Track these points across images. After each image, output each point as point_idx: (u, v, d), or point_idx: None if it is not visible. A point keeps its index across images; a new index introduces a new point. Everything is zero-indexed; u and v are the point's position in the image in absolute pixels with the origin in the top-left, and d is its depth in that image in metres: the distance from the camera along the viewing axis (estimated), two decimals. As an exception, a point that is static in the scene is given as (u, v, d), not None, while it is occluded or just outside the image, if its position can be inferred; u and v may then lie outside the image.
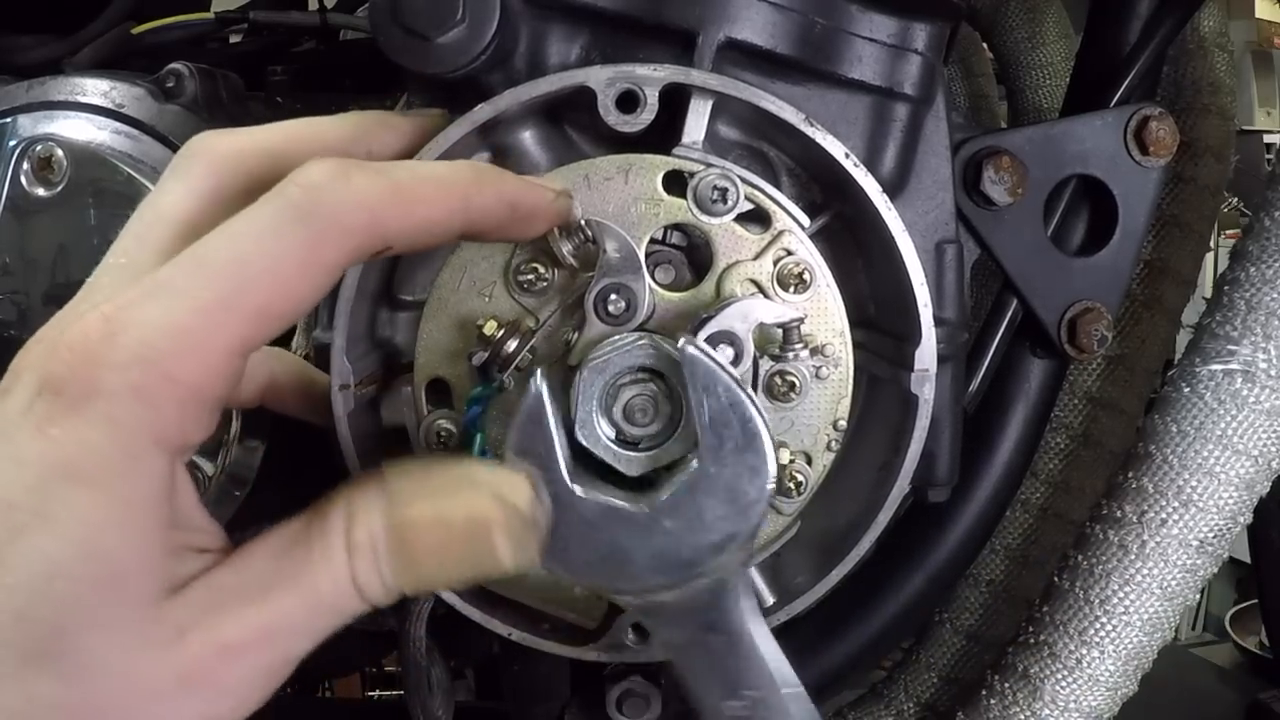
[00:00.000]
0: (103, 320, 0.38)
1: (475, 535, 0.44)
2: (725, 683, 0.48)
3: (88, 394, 0.37)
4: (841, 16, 0.56)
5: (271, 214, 0.40)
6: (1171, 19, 0.71)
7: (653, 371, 0.48)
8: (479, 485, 0.45)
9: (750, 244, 0.53)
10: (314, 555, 0.42)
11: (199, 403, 0.39)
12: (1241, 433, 0.63)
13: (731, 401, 0.46)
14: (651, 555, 0.46)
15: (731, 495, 0.46)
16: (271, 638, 0.41)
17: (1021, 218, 0.66)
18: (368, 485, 0.44)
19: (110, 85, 0.75)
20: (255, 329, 0.40)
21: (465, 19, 0.51)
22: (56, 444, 0.37)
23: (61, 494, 0.37)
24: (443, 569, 0.44)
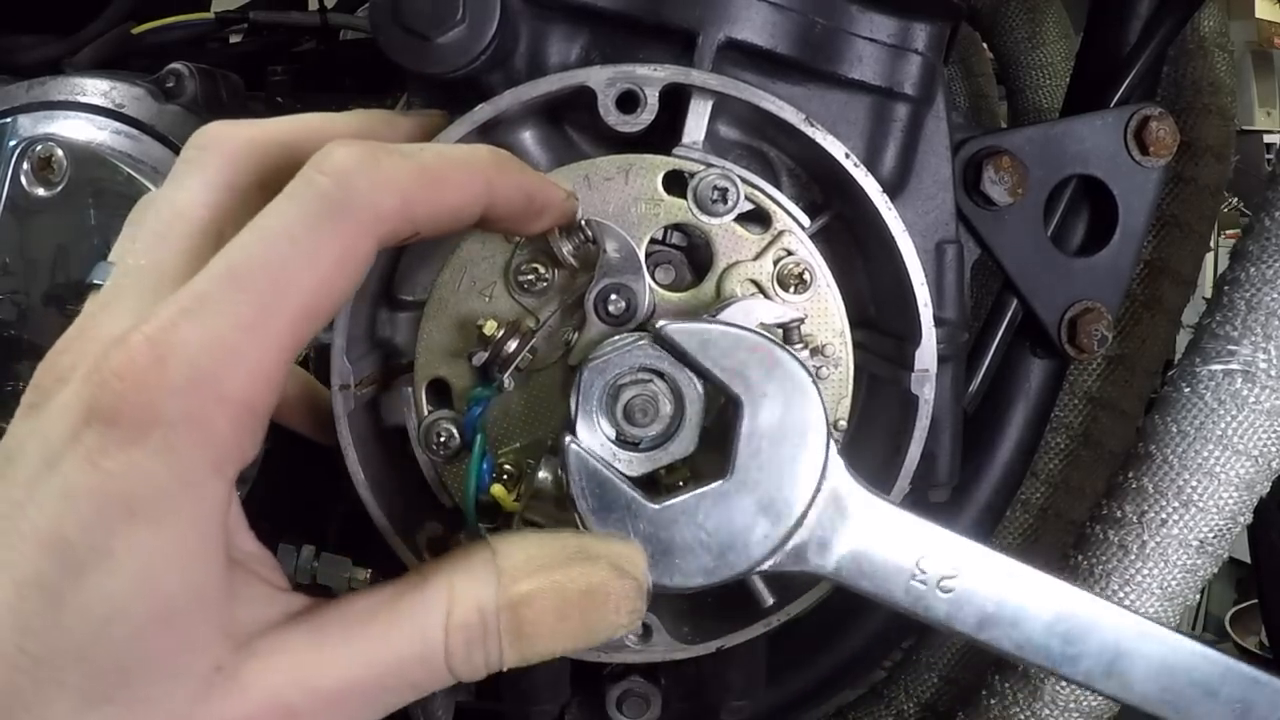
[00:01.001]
0: (149, 344, 0.36)
1: (594, 608, 0.43)
2: (902, 568, 0.48)
3: (145, 423, 0.35)
4: (842, 16, 0.56)
5: (302, 207, 0.39)
6: (1171, 19, 0.71)
7: (653, 371, 0.48)
8: (596, 558, 0.44)
9: (750, 244, 0.53)
10: (402, 630, 0.40)
11: (253, 418, 0.38)
12: (1241, 433, 0.63)
13: (732, 340, 0.46)
14: (759, 508, 0.46)
15: (786, 414, 0.46)
16: (338, 706, 0.39)
17: (1022, 218, 0.66)
18: (473, 561, 0.43)
19: (110, 85, 0.76)
20: (299, 332, 0.38)
21: (465, 19, 0.51)
22: (113, 477, 0.35)
23: (121, 531, 0.35)
24: (554, 641, 0.43)
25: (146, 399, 0.36)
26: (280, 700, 0.38)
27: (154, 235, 0.43)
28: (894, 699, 0.85)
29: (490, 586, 0.42)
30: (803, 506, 0.47)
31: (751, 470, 0.46)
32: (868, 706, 0.85)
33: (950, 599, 0.48)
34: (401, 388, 0.55)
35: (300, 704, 0.39)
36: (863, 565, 0.48)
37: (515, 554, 0.43)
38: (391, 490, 0.54)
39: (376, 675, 0.40)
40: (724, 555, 0.46)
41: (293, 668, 0.39)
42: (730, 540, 0.46)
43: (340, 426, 0.52)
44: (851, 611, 0.74)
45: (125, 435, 0.35)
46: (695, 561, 0.46)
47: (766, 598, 0.57)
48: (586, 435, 0.48)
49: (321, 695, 0.39)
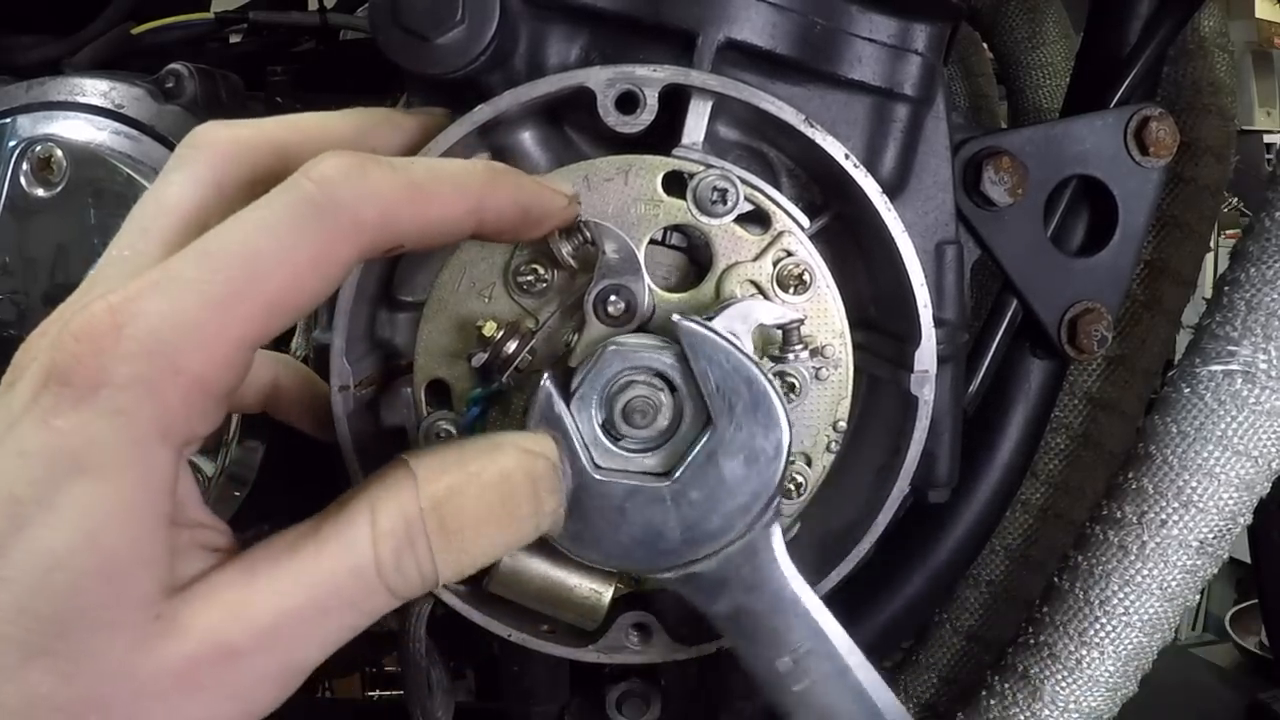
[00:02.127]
0: (110, 311, 0.37)
1: (512, 493, 0.43)
2: (774, 642, 0.49)
3: (94, 385, 0.36)
4: (841, 17, 0.56)
5: (285, 206, 0.39)
6: (1171, 19, 0.71)
7: (653, 373, 0.48)
8: (503, 445, 0.44)
9: (750, 245, 0.53)
10: (327, 549, 0.41)
11: (205, 395, 0.38)
12: (1241, 433, 0.63)
13: (734, 365, 0.46)
14: (682, 528, 0.47)
15: (750, 455, 0.47)
16: (275, 639, 0.39)
17: (1021, 218, 0.66)
18: (389, 474, 0.43)
19: (110, 85, 0.76)
20: (264, 323, 0.39)
21: (465, 20, 0.51)
22: (62, 435, 0.36)
23: (65, 486, 0.36)
24: (482, 536, 0.43)
25: (99, 361, 0.36)
26: (219, 639, 0.39)
27: (138, 228, 0.44)
28: (894, 699, 0.85)
29: (410, 491, 0.42)
30: (719, 545, 0.48)
31: (691, 488, 0.47)
32: (867, 707, 0.85)
33: (799, 692, 0.49)
34: (401, 388, 0.55)
35: (240, 640, 0.39)
36: (745, 625, 0.49)
37: (428, 458, 0.43)
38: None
39: (311, 598, 0.40)
40: (630, 550, 0.47)
41: (228, 606, 0.39)
42: (642, 539, 0.47)
43: (340, 427, 0.52)
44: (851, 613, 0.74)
45: (76, 395, 0.36)
46: (604, 540, 0.47)
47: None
48: (579, 412, 0.48)
49: (259, 627, 0.39)
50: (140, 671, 0.38)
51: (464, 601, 0.54)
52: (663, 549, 0.47)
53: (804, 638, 0.49)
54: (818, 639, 0.49)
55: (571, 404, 0.48)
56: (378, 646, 1.01)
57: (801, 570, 0.57)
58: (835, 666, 0.49)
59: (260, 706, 0.40)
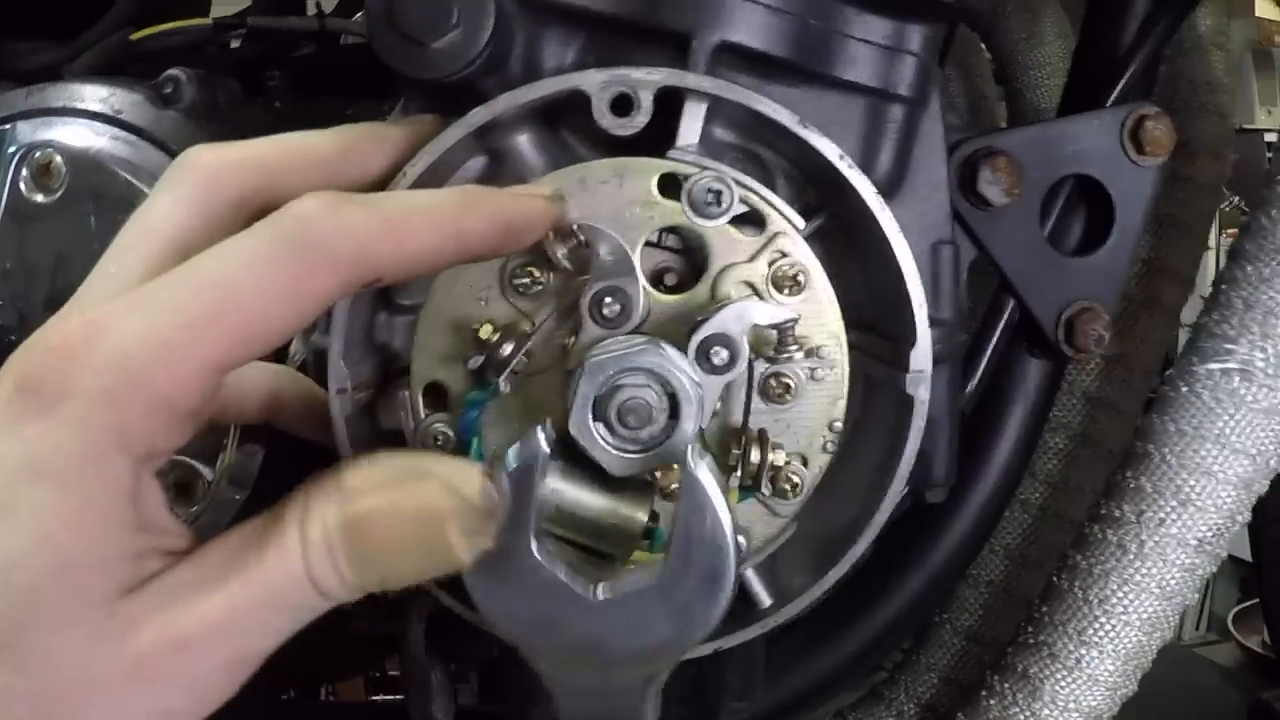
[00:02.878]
0: (84, 325, 0.39)
1: (428, 527, 0.43)
2: None
3: (60, 394, 0.38)
4: (836, 18, 0.56)
5: (262, 240, 0.41)
6: (1168, 18, 0.71)
7: (649, 374, 0.48)
8: (429, 476, 0.44)
9: (745, 246, 0.53)
10: (268, 551, 0.42)
11: (169, 413, 0.40)
12: (1239, 432, 0.63)
13: (715, 533, 0.45)
14: (585, 637, 0.46)
15: (681, 614, 0.46)
16: (224, 632, 0.41)
17: (1018, 218, 0.66)
18: (325, 481, 0.44)
19: (109, 91, 0.76)
20: (233, 349, 0.41)
21: (460, 24, 0.51)
22: (26, 442, 0.38)
23: (25, 490, 0.38)
24: (398, 563, 0.43)
25: (67, 372, 0.38)
26: (170, 632, 0.40)
27: (124, 247, 0.45)
28: (894, 699, 0.85)
29: (334, 505, 0.43)
30: (607, 669, 0.47)
31: (611, 612, 0.46)
32: (867, 707, 0.85)
33: None
34: (399, 391, 0.55)
35: (192, 633, 0.40)
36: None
37: (360, 473, 0.44)
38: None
39: (257, 597, 0.41)
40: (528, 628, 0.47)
41: (179, 601, 0.41)
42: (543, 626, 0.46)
43: (338, 430, 0.53)
44: (850, 613, 0.74)
45: (43, 404, 0.38)
46: (513, 609, 0.46)
47: (764, 599, 0.57)
48: (580, 431, 0.48)
49: (210, 621, 0.40)
50: (95, 665, 0.39)
51: (465, 604, 0.55)
52: (555, 643, 0.47)
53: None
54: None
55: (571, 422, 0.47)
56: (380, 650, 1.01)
57: (798, 571, 0.57)
58: None
59: (211, 695, 0.41)
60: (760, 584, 0.57)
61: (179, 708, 0.41)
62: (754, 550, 0.56)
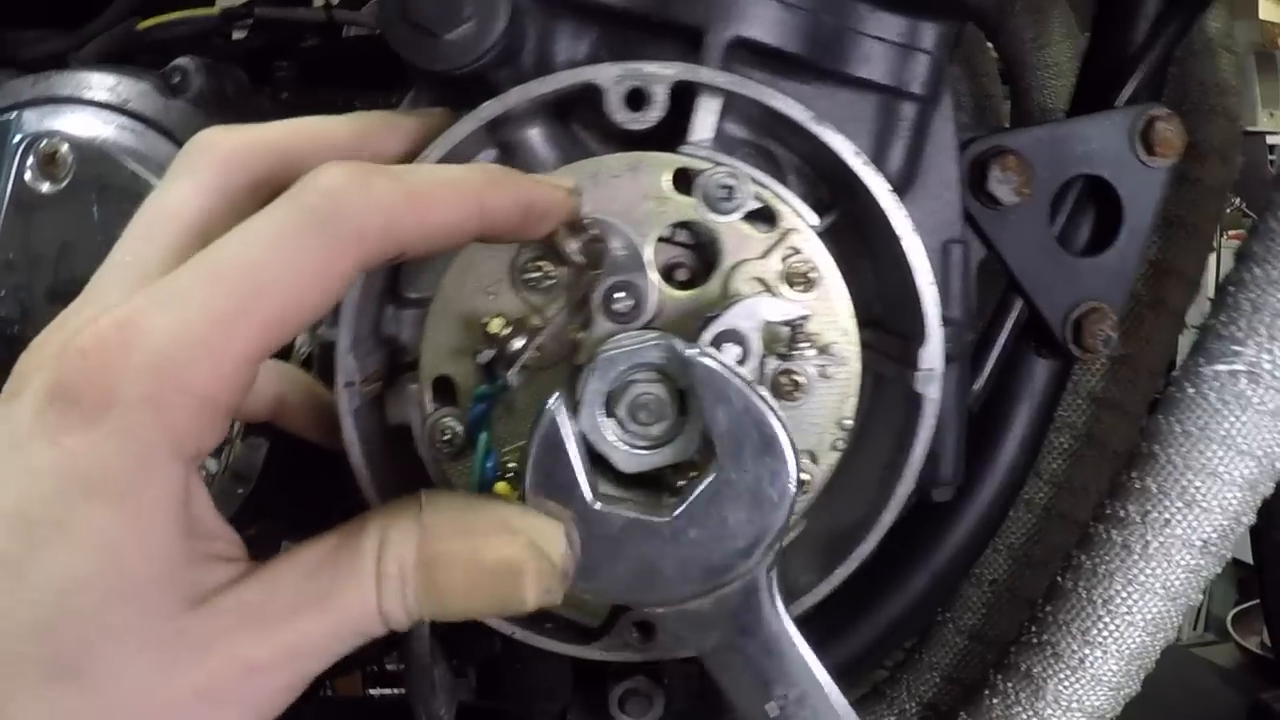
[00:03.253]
0: (117, 327, 0.37)
1: (505, 579, 0.44)
2: (762, 684, 0.49)
3: (103, 404, 0.37)
4: (849, 15, 0.56)
5: (288, 219, 0.40)
6: (1179, 19, 0.71)
7: (660, 371, 0.48)
8: (515, 531, 0.44)
9: (757, 242, 0.53)
10: (343, 579, 0.42)
11: (212, 411, 0.39)
12: (1245, 433, 0.63)
13: (746, 407, 0.46)
14: (678, 564, 0.46)
15: (754, 499, 0.46)
16: (294, 658, 0.40)
17: (1027, 217, 0.66)
18: (403, 514, 0.44)
19: (116, 80, 0.76)
20: (269, 337, 0.39)
21: (473, 16, 0.51)
22: (72, 455, 0.36)
23: (79, 507, 0.36)
24: (466, 604, 0.44)
25: (107, 380, 0.37)
26: (243, 658, 0.39)
27: (141, 234, 0.44)
28: (896, 698, 0.85)
29: (411, 544, 0.43)
30: (717, 584, 0.47)
31: (690, 527, 0.46)
32: (870, 705, 0.85)
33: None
34: (406, 385, 0.55)
35: (263, 659, 0.40)
36: (733, 666, 0.49)
37: (441, 513, 0.44)
38: (395, 488, 0.54)
39: (329, 625, 0.41)
40: (621, 582, 0.47)
41: (251, 624, 0.40)
42: (635, 573, 0.47)
43: (345, 424, 0.52)
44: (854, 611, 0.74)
45: (84, 414, 0.37)
46: (594, 572, 0.46)
47: (769, 597, 0.57)
48: (589, 427, 0.48)
49: (281, 649, 0.40)
50: (164, 688, 0.38)
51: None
52: (657, 584, 0.47)
53: (793, 684, 0.49)
54: (808, 686, 0.49)
55: (581, 418, 0.47)
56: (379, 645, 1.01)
57: (805, 569, 0.57)
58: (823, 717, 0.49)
59: (269, 716, 0.41)
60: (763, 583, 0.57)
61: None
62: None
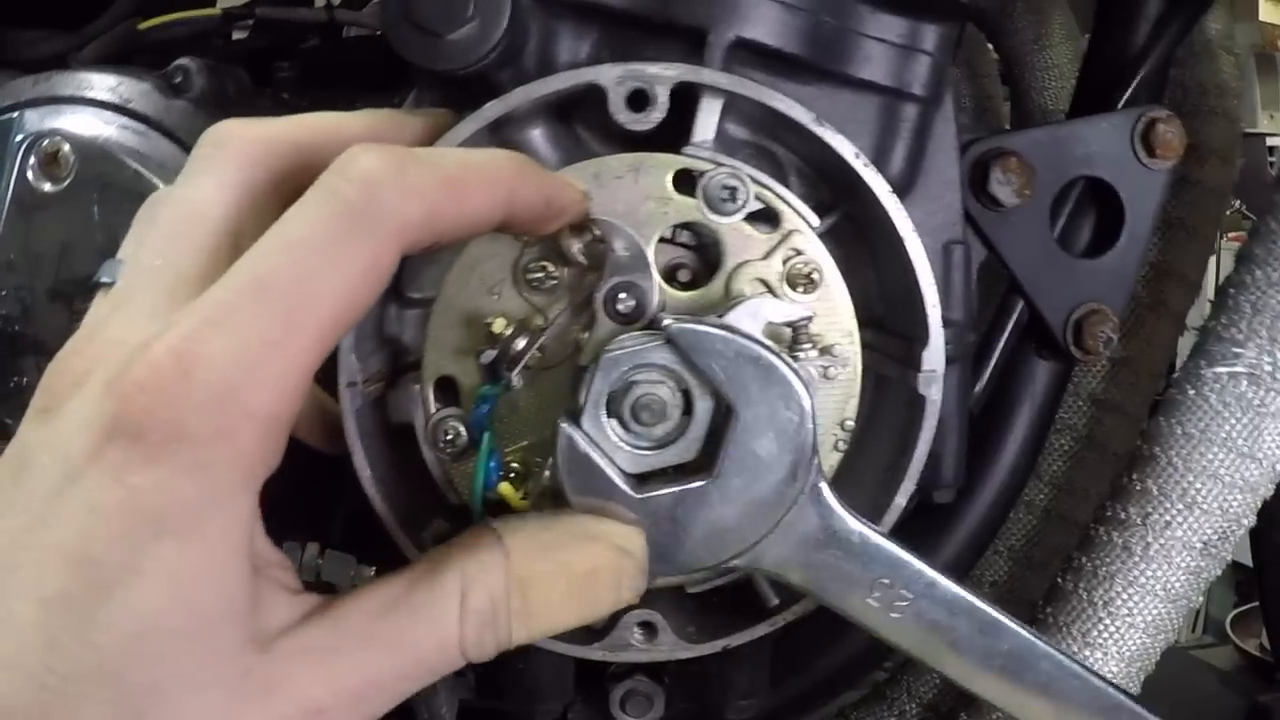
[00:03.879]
0: (172, 357, 0.36)
1: (598, 586, 0.44)
2: (858, 584, 0.50)
3: (171, 439, 0.35)
4: (851, 16, 0.56)
5: (329, 216, 0.38)
6: (1179, 21, 0.71)
7: (663, 370, 0.48)
8: (598, 538, 0.45)
9: (759, 243, 0.53)
10: (420, 620, 0.41)
11: (278, 431, 0.38)
12: (1246, 436, 0.63)
13: (735, 349, 0.47)
14: (738, 513, 0.48)
15: (777, 426, 0.47)
16: (359, 700, 0.40)
17: (1028, 219, 0.66)
18: (481, 545, 0.43)
19: (117, 80, 0.75)
20: (323, 345, 0.38)
21: (476, 16, 0.51)
22: (139, 494, 0.35)
23: (149, 548, 0.35)
24: (559, 619, 0.44)
25: (172, 414, 0.35)
26: (308, 700, 0.39)
27: (168, 235, 0.43)
28: (897, 699, 0.85)
29: (499, 571, 0.42)
30: (777, 517, 0.48)
31: (734, 477, 0.48)
32: (870, 706, 0.85)
33: (897, 620, 0.51)
34: (409, 385, 0.55)
35: (328, 702, 0.39)
36: (824, 577, 0.51)
37: (521, 537, 0.44)
38: (398, 488, 0.54)
39: (399, 667, 0.41)
40: (695, 551, 0.48)
41: (318, 667, 0.39)
42: (704, 538, 0.48)
43: (348, 424, 0.52)
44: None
45: (151, 451, 0.35)
46: (668, 553, 0.48)
47: (771, 598, 0.57)
48: (593, 428, 0.48)
49: (348, 692, 0.39)
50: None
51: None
52: (726, 541, 0.48)
53: (883, 570, 0.50)
54: (895, 566, 0.50)
55: (584, 420, 0.48)
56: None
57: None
58: (922, 584, 0.51)
59: None
60: (768, 583, 0.57)
61: None
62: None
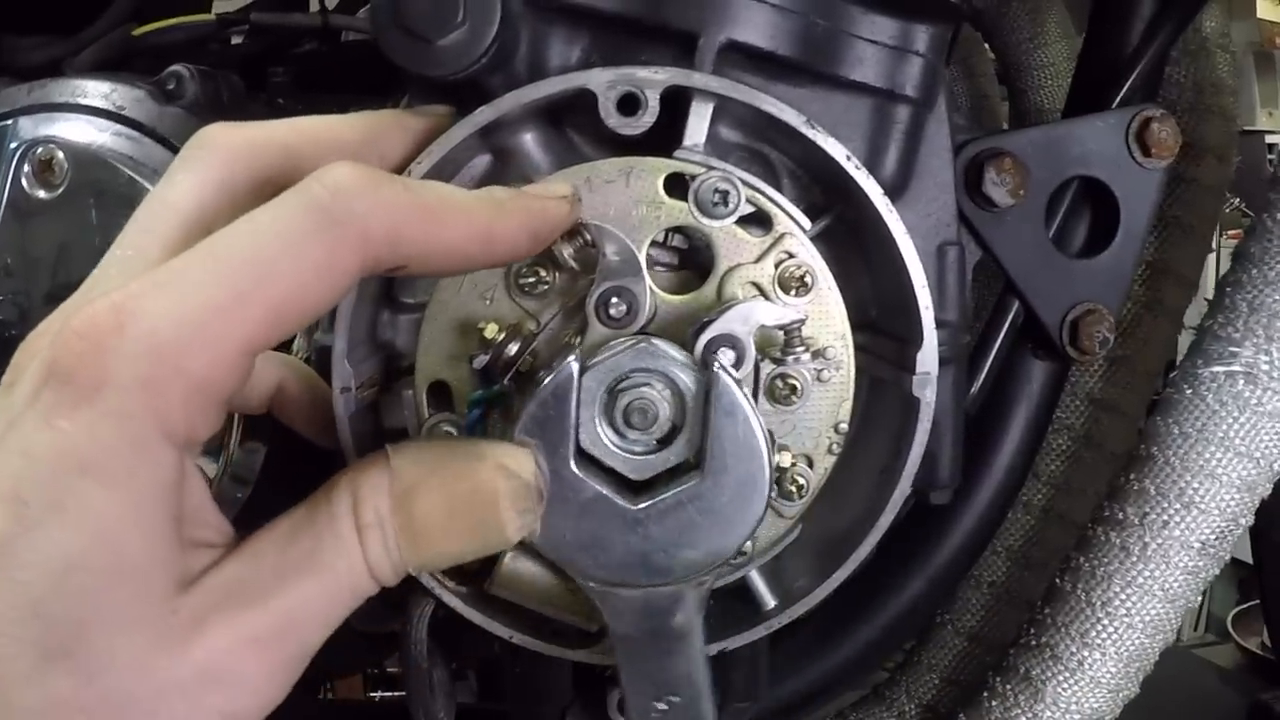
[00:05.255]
0: (112, 309, 0.37)
1: (481, 507, 0.44)
2: (658, 684, 0.51)
3: (96, 385, 0.36)
4: (842, 18, 0.56)
5: (294, 211, 0.39)
6: (1173, 20, 0.71)
7: (655, 374, 0.48)
8: (483, 457, 0.45)
9: (751, 247, 0.53)
10: (325, 540, 0.41)
11: (207, 397, 0.38)
12: (1243, 435, 0.63)
13: (747, 437, 0.47)
14: (628, 553, 0.48)
15: (721, 519, 0.47)
16: (291, 627, 0.40)
17: (1023, 219, 0.66)
18: (370, 466, 0.44)
19: (111, 87, 0.76)
20: (267, 328, 0.39)
21: (466, 21, 0.51)
22: (66, 436, 0.36)
23: (74, 487, 0.36)
24: (449, 543, 0.44)
25: (99, 360, 0.36)
26: (239, 632, 0.39)
27: (141, 228, 0.44)
28: (895, 700, 0.84)
29: (384, 488, 0.43)
30: (651, 583, 0.49)
31: (652, 522, 0.48)
32: (869, 707, 0.85)
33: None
34: (402, 390, 0.55)
35: (260, 631, 0.39)
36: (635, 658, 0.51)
37: (406, 456, 0.44)
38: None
39: (318, 587, 0.41)
40: (575, 551, 0.48)
41: (242, 597, 0.40)
42: (589, 547, 0.48)
43: (342, 429, 0.52)
44: (853, 613, 0.74)
45: (78, 394, 0.36)
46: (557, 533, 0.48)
47: (769, 600, 0.57)
48: (590, 439, 0.48)
49: (277, 618, 0.40)
50: (162, 668, 0.38)
51: (465, 603, 0.54)
52: (601, 562, 0.48)
53: (686, 691, 0.51)
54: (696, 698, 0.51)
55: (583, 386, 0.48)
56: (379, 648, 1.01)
57: (802, 572, 0.57)
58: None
59: (274, 694, 0.41)
60: (765, 585, 0.57)
61: (245, 708, 0.40)
62: (759, 552, 0.56)
